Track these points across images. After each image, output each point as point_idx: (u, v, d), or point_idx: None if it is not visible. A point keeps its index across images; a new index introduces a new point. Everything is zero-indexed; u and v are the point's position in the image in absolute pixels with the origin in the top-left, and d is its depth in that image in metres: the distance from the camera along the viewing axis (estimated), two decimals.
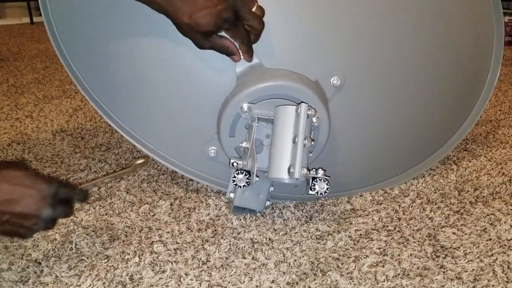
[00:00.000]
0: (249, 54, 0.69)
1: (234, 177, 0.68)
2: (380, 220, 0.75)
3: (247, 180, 0.68)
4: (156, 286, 0.60)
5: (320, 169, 0.67)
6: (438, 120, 0.84)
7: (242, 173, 0.67)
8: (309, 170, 0.66)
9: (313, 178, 0.66)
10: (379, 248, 0.68)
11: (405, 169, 0.87)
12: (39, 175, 0.58)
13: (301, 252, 0.67)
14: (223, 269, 0.63)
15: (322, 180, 0.66)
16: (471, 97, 0.87)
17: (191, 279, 0.61)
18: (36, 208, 0.56)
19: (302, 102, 0.67)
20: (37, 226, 0.57)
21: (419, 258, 0.65)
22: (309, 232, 0.72)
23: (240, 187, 0.68)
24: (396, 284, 0.60)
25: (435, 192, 0.84)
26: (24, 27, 3.39)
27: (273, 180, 0.69)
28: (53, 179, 0.60)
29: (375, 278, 0.61)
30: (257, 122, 0.69)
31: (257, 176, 0.69)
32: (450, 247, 0.68)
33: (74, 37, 0.77)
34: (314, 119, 0.68)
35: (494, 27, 0.82)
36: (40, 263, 0.64)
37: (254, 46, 0.70)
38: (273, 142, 0.68)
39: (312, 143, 0.67)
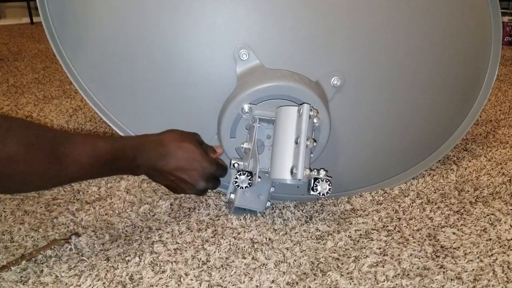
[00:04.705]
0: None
1: (236, 178, 0.67)
2: (380, 220, 0.75)
3: (249, 181, 0.67)
4: (156, 286, 0.60)
5: (322, 170, 0.67)
6: (437, 120, 0.84)
7: (244, 174, 0.67)
8: (311, 170, 0.66)
9: (315, 179, 0.66)
10: (379, 248, 0.67)
11: (404, 168, 0.87)
12: (206, 154, 0.72)
13: (301, 252, 0.67)
14: (223, 269, 0.63)
15: (324, 181, 0.66)
16: (469, 96, 0.87)
17: (191, 279, 0.61)
18: (195, 180, 0.71)
19: (304, 102, 0.67)
20: (190, 191, 0.73)
21: (419, 258, 0.65)
22: (309, 232, 0.72)
23: (242, 188, 0.68)
24: (396, 284, 0.60)
25: (435, 192, 0.84)
26: (24, 27, 3.38)
27: (275, 180, 0.69)
28: (214, 160, 0.73)
29: (375, 278, 0.61)
30: (258, 123, 0.69)
31: (259, 177, 0.69)
32: (450, 247, 0.68)
33: (72, 36, 0.77)
34: (315, 120, 0.68)
35: (492, 26, 0.82)
36: (40, 263, 0.64)
37: (254, 46, 0.70)
38: (274, 143, 0.67)
39: (315, 144, 0.67)
